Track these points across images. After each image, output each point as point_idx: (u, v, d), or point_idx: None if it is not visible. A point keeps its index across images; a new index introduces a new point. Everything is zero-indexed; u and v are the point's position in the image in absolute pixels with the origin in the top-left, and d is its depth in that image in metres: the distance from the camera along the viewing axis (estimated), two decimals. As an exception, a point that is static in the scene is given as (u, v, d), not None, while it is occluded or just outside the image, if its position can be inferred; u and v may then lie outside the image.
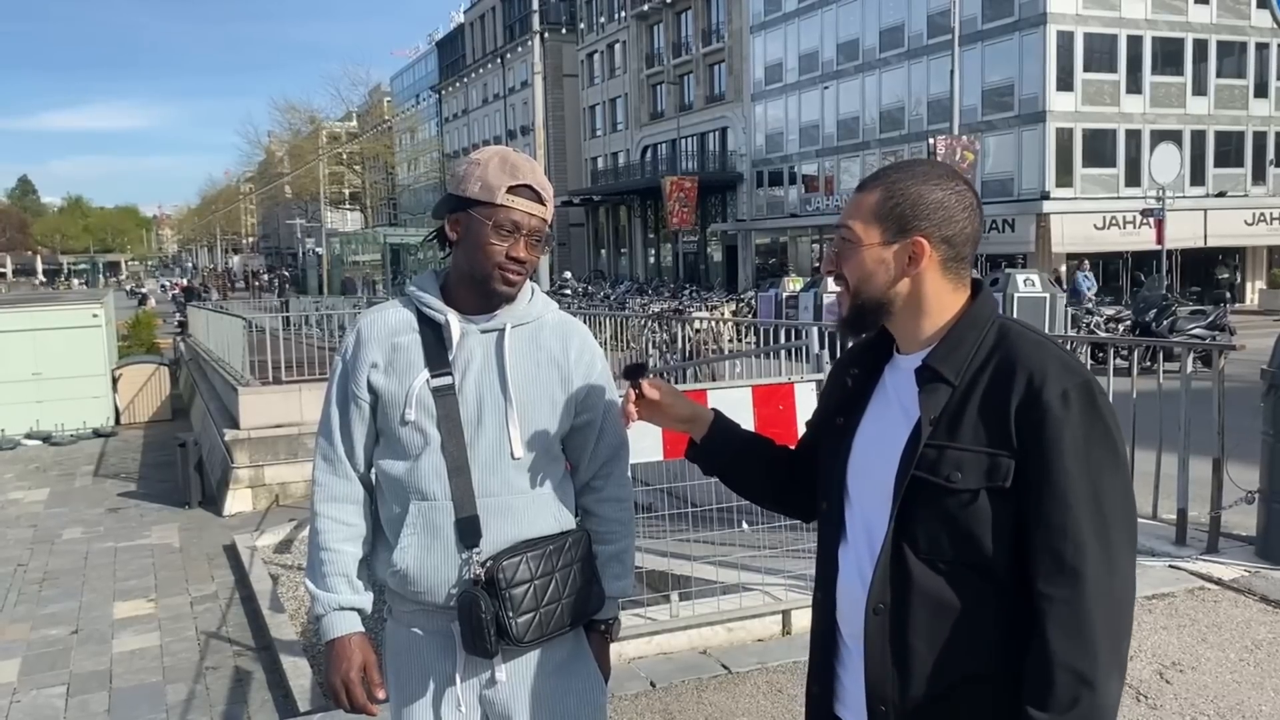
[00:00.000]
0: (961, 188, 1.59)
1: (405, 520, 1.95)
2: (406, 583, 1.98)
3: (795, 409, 4.49)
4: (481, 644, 1.90)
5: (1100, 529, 1.45)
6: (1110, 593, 1.45)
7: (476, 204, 1.92)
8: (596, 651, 2.14)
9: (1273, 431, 5.18)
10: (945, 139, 25.64)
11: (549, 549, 1.98)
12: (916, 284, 1.59)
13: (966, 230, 1.59)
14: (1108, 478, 1.47)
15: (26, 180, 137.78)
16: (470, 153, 2.00)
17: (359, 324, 2.05)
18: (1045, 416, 1.46)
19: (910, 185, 1.58)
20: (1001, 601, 1.49)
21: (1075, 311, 17.54)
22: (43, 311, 20.66)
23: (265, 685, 6.87)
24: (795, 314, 21.07)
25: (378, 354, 1.98)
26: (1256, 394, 5.33)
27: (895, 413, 1.60)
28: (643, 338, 15.01)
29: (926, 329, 1.60)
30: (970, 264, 1.63)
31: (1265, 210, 32.80)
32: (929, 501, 1.51)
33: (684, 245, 50.28)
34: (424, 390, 1.95)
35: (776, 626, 4.71)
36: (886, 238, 1.58)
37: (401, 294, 2.10)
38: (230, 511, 12.57)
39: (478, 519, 1.94)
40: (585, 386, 2.07)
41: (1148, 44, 32.14)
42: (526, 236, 1.94)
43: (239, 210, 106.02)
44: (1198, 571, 5.07)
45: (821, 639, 1.71)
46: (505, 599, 1.89)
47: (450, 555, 1.94)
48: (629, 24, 52.61)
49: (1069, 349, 1.60)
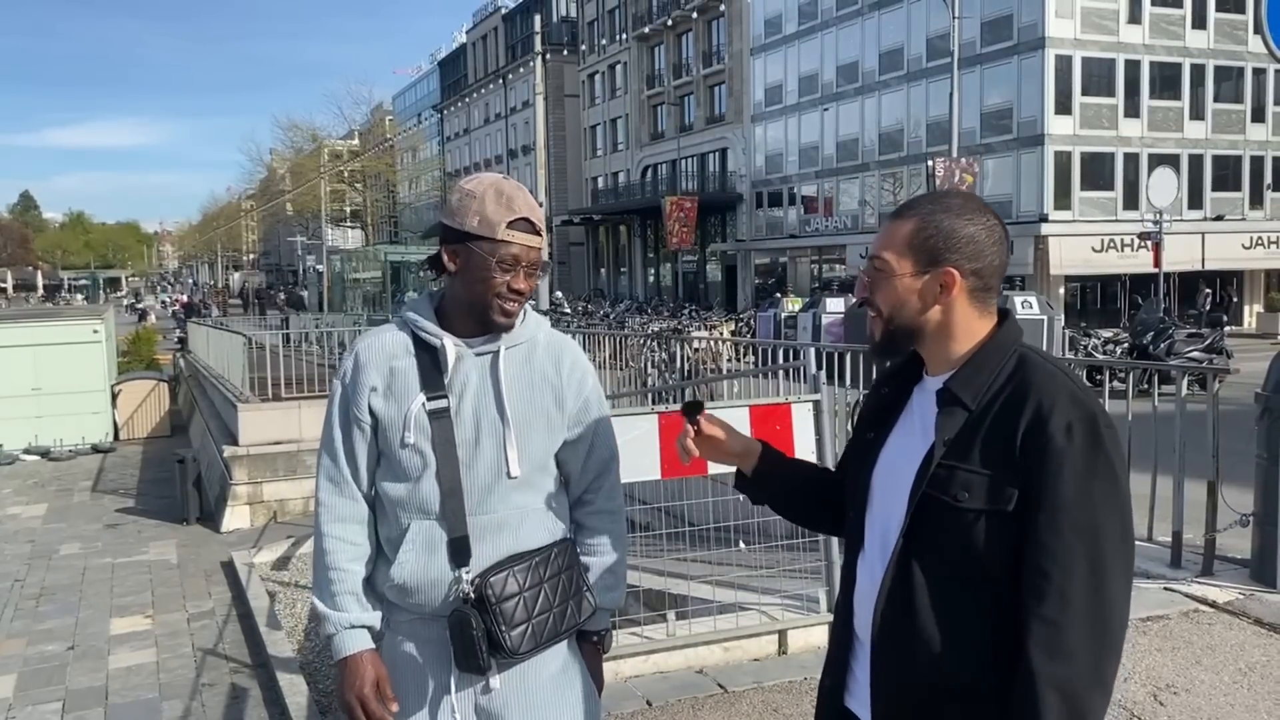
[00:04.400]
0: (992, 222, 1.66)
1: (405, 537, 2.00)
2: (405, 594, 2.02)
3: (792, 429, 4.52)
4: (474, 661, 1.94)
5: (1094, 558, 1.49)
6: (1098, 617, 1.49)
7: (476, 238, 1.96)
8: (589, 663, 2.17)
9: (1267, 455, 5.20)
10: (944, 161, 25.74)
11: (535, 560, 2.02)
12: (946, 312, 1.66)
13: (995, 263, 1.66)
14: (1106, 511, 1.51)
15: (28, 195, 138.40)
16: (469, 174, 2.04)
17: (356, 348, 2.09)
18: (1048, 446, 1.51)
19: (944, 219, 1.64)
20: (1001, 619, 1.54)
21: (1072, 334, 17.59)
22: (43, 327, 20.69)
23: (262, 702, 6.85)
24: (794, 334, 21.09)
25: (376, 378, 2.02)
26: (1252, 417, 5.35)
27: (917, 431, 1.68)
28: (641, 357, 15.04)
29: (953, 353, 1.67)
30: (997, 293, 1.70)
31: (1263, 234, 32.91)
32: (938, 518, 1.58)
33: (683, 265, 50.40)
34: (421, 413, 1.99)
35: (773, 646, 4.72)
36: (919, 269, 1.65)
37: (396, 316, 2.14)
38: (228, 528, 12.55)
39: (468, 539, 1.99)
40: (577, 403, 2.12)
41: (1145, 68, 32.33)
42: (525, 268, 1.99)
43: (240, 227, 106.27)
44: (1192, 594, 5.09)
45: (839, 636, 1.81)
46: (496, 614, 1.94)
47: (445, 573, 2.00)
48: (630, 45, 52.91)
49: (1082, 379, 1.62)
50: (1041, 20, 30.75)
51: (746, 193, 44.88)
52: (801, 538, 5.23)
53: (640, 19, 51.50)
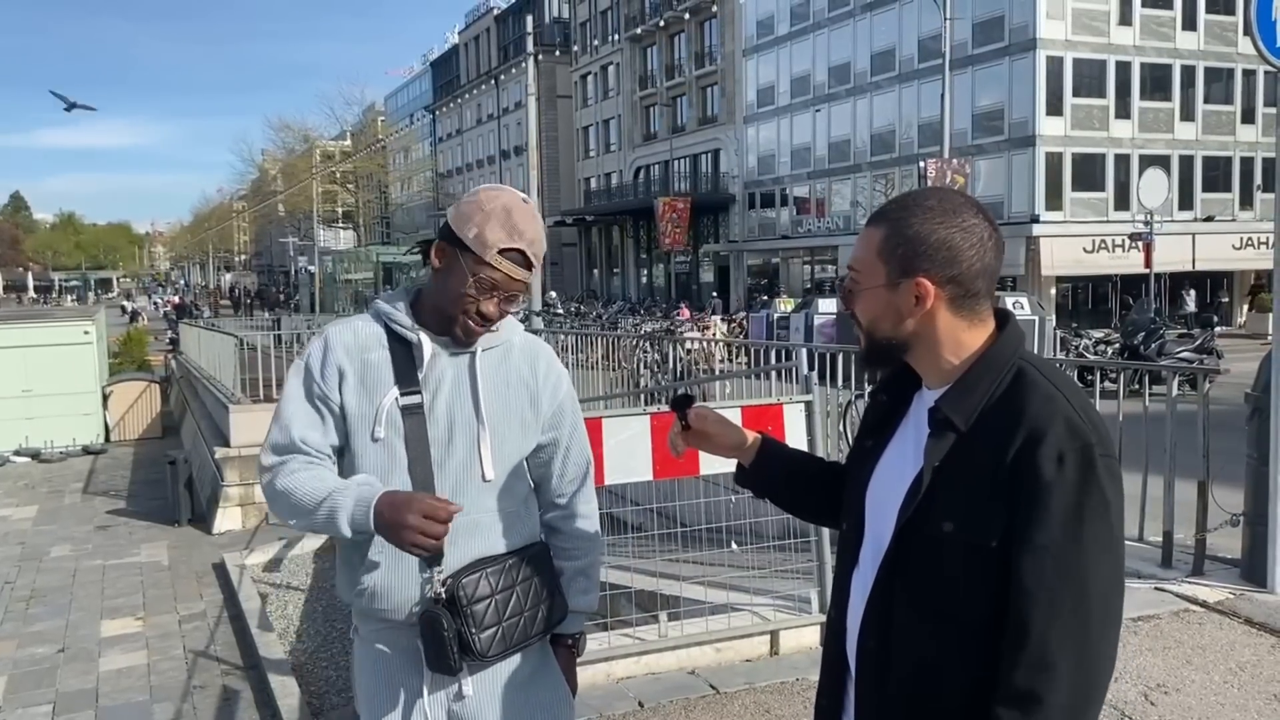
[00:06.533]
0: (971, 222, 1.51)
1: (373, 540, 1.93)
2: (374, 600, 1.98)
3: (784, 430, 4.53)
4: (445, 662, 1.91)
5: (1080, 608, 1.39)
6: (1077, 683, 1.39)
7: (466, 250, 1.91)
8: (563, 666, 2.16)
9: (1257, 455, 5.22)
10: (936, 162, 25.83)
11: (508, 563, 1.99)
12: (927, 324, 1.53)
13: (976, 266, 1.51)
14: (1095, 554, 1.40)
15: (19, 196, 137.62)
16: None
17: (326, 333, 2.02)
18: (1037, 479, 1.39)
19: (914, 225, 1.51)
20: (984, 663, 1.43)
21: (1064, 334, 17.64)
22: (34, 328, 20.62)
23: (253, 704, 6.84)
24: (786, 335, 21.12)
25: (347, 365, 1.95)
26: (1242, 417, 5.37)
27: (910, 447, 1.59)
28: (634, 358, 15.04)
29: (944, 365, 1.55)
30: (988, 297, 1.55)
31: (1252, 235, 33.04)
32: (921, 546, 1.49)
33: (676, 266, 50.44)
34: (394, 408, 1.94)
35: (765, 647, 4.71)
36: (890, 279, 1.53)
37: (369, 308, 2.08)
38: (220, 529, 12.52)
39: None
40: (553, 406, 2.10)
41: (1136, 70, 32.45)
42: (502, 295, 1.94)
43: (232, 228, 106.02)
44: (1183, 594, 5.10)
45: (831, 655, 1.72)
46: (467, 615, 1.90)
47: (414, 575, 1.95)
48: (623, 46, 52.91)
49: (1085, 399, 1.50)
50: (1033, 22, 30.85)
51: (739, 193, 44.92)
52: (794, 538, 5.23)
53: (633, 20, 51.53)
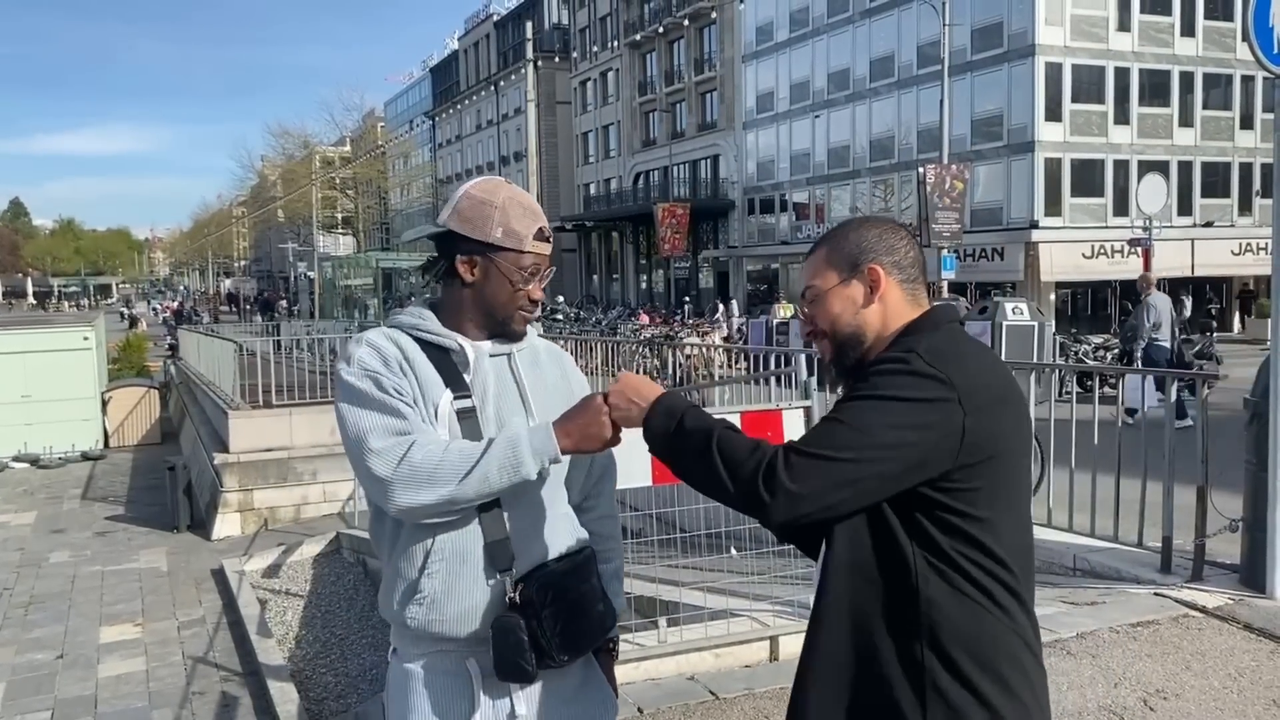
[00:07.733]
0: (892, 225, 1.79)
1: (433, 548, 1.89)
2: (431, 610, 1.90)
3: (783, 435, 4.53)
4: (521, 669, 1.84)
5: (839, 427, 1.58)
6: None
7: (501, 249, 1.93)
8: (606, 671, 2.12)
9: (1256, 460, 5.22)
10: (935, 167, 25.84)
11: (573, 564, 1.97)
12: (883, 309, 1.74)
13: (910, 254, 1.77)
14: (870, 405, 1.57)
15: (18, 202, 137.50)
16: (460, 180, 2.01)
17: (367, 338, 1.96)
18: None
19: (848, 234, 1.78)
20: (904, 669, 1.60)
21: (1063, 339, 17.64)
22: (33, 334, 20.59)
23: (252, 711, 6.83)
24: (786, 340, 21.11)
25: (399, 371, 1.90)
26: (1240, 422, 5.38)
27: None
28: (634, 363, 15.05)
29: None
30: (923, 285, 1.79)
31: (1251, 240, 33.08)
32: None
33: (676, 271, 50.47)
34: (450, 411, 1.91)
35: (764, 652, 4.71)
36: (844, 277, 1.75)
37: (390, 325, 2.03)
38: (219, 535, 12.49)
39: (509, 541, 1.90)
40: None
41: (1135, 76, 32.51)
42: (541, 276, 2.01)
43: (231, 234, 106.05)
44: (1182, 599, 5.10)
45: None
46: (544, 619, 1.85)
47: (478, 581, 1.90)
48: (622, 52, 52.99)
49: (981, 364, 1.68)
50: (1032, 28, 30.90)
51: (738, 199, 44.96)
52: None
53: (632, 26, 51.60)
